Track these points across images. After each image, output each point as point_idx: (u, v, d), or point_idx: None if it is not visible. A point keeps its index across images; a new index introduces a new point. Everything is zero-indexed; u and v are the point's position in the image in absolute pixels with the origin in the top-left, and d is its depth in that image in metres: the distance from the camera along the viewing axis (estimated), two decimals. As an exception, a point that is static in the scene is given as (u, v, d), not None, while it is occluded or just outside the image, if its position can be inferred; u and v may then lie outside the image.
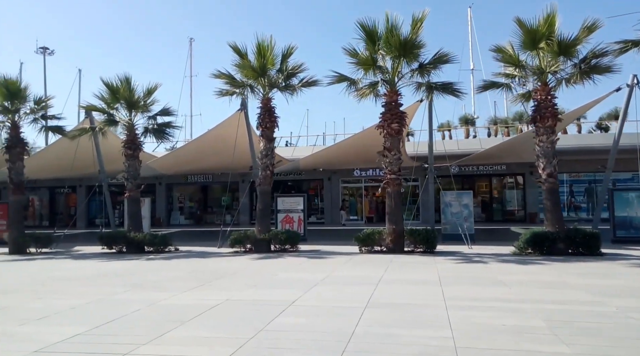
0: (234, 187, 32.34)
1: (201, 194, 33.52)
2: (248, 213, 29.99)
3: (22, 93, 14.11)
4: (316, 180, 29.50)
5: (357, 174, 28.14)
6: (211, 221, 31.73)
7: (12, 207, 14.59)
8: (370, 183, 29.31)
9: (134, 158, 14.11)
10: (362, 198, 29.34)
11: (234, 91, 13.46)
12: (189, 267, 10.33)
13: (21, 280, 8.89)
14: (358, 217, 28.63)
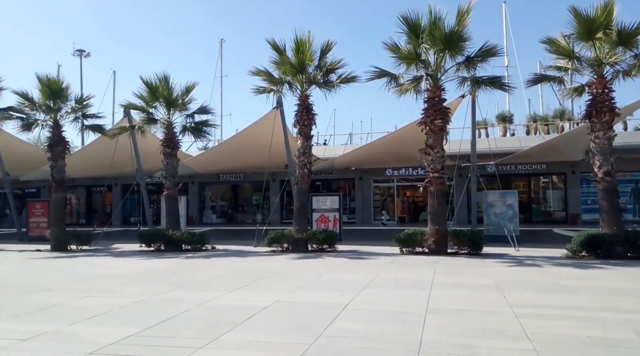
0: (263, 186, 32.41)
1: (232, 193, 33.71)
2: (279, 212, 29.90)
3: (63, 93, 14.36)
4: (347, 180, 29.10)
5: (389, 173, 27.59)
6: (242, 220, 31.85)
7: (54, 204, 14.88)
8: (402, 183, 28.70)
9: (172, 156, 14.14)
10: (393, 198, 28.79)
11: (271, 88, 13.28)
12: (230, 265, 10.18)
13: (67, 277, 8.92)
14: (390, 217, 28.09)
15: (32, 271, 9.88)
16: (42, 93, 14.17)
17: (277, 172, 29.87)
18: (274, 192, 30.22)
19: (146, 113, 13.96)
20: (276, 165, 18.79)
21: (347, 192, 29.66)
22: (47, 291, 7.30)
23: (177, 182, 14.39)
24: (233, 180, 30.84)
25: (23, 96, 14.16)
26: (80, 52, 45.59)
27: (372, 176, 28.23)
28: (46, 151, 14.73)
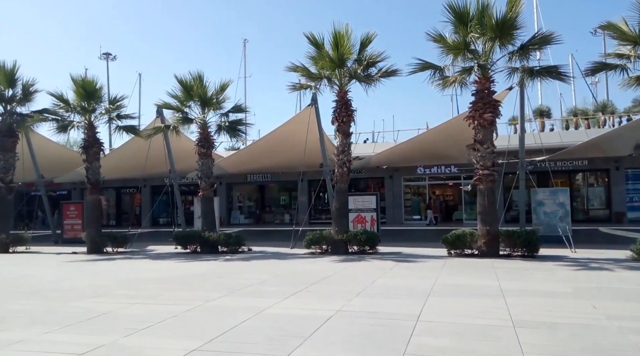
0: (291, 186, 32.10)
1: (259, 193, 33.54)
2: (307, 212, 29.50)
3: (97, 94, 14.25)
4: (376, 179, 28.48)
5: (420, 172, 26.83)
6: (269, 220, 31.62)
7: (89, 206, 14.81)
8: (434, 182, 27.90)
9: (207, 156, 13.85)
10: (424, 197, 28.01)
11: (308, 85, 12.82)
12: (273, 269, 9.75)
13: (110, 282, 8.65)
14: (421, 217, 27.32)
15: (73, 275, 9.68)
16: (77, 95, 14.09)
17: (305, 172, 29.55)
18: (302, 192, 29.85)
19: (181, 113, 13.70)
20: (310, 164, 18.34)
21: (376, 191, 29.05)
22: (94, 297, 7.00)
23: (213, 182, 14.10)
24: (260, 180, 30.64)
25: (58, 97, 14.11)
26: (107, 56, 46.27)
27: (402, 175, 27.52)
28: (81, 153, 14.66)
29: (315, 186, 31.06)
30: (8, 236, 14.91)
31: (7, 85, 14.95)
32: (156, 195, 33.27)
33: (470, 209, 26.74)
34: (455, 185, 28.25)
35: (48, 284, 8.50)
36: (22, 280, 9.19)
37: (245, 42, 47.40)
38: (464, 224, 25.19)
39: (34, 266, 11.56)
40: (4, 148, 15.18)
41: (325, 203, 30.45)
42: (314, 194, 30.89)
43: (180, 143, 16.50)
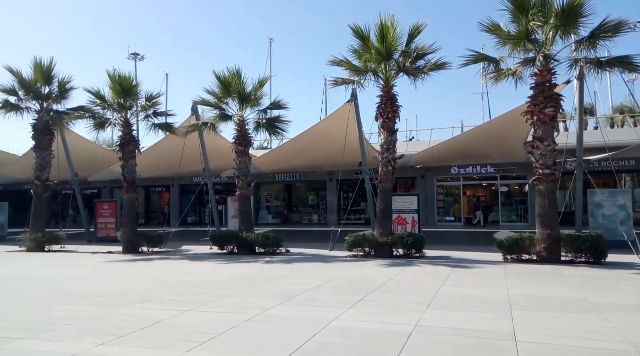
0: (318, 185, 31.57)
1: (285, 193, 33.13)
2: (336, 212, 28.94)
3: (134, 90, 13.99)
4: (406, 179, 27.66)
5: (454, 172, 25.89)
6: (297, 220, 31.17)
7: (125, 205, 14.57)
8: (468, 182, 26.90)
9: (244, 154, 13.41)
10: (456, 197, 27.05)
11: (350, 79, 12.22)
12: (321, 273, 9.19)
13: (154, 285, 8.25)
14: (455, 218, 26.38)
15: (114, 277, 9.34)
16: (113, 91, 13.86)
17: (334, 171, 28.95)
18: (331, 191, 29.28)
19: (219, 109, 13.28)
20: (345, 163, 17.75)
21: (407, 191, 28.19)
22: (142, 302, 6.57)
23: (250, 181, 13.65)
24: (288, 179, 30.22)
25: (95, 94, 13.91)
26: (135, 56, 46.60)
27: (435, 174, 26.63)
28: (117, 151, 14.43)
29: (344, 186, 30.52)
30: (44, 235, 14.82)
31: (43, 82, 14.85)
32: (185, 194, 33.31)
33: (507, 210, 25.69)
34: (489, 185, 27.20)
35: (91, 286, 8.14)
36: (63, 281, 8.88)
37: (270, 41, 47.08)
38: (501, 226, 24.17)
39: (73, 266, 11.32)
40: (40, 145, 15.10)
41: (355, 203, 29.81)
42: (342, 194, 30.48)
43: (212, 141, 16.16)
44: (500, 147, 19.18)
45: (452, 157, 22.55)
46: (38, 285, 8.41)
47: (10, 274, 9.86)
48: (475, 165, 25.31)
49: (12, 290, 7.88)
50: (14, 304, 6.66)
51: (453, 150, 18.90)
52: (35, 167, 15.14)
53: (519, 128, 16.68)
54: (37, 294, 7.41)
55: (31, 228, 14.96)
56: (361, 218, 28.77)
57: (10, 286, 8.28)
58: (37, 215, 15.11)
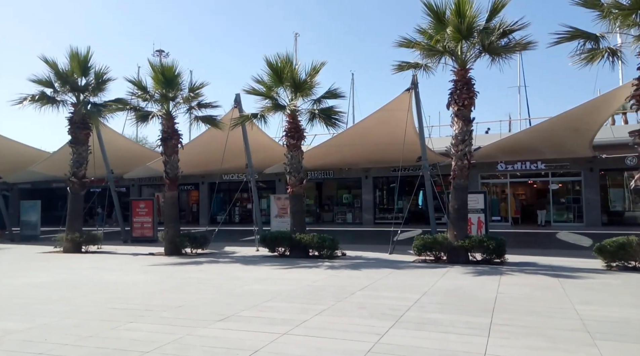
0: (351, 183, 30.34)
1: (316, 191, 31.99)
2: (372, 211, 27.70)
3: (176, 81, 12.99)
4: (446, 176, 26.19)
5: (501, 168, 24.34)
6: (328, 219, 30.03)
7: (168, 203, 13.64)
8: (516, 179, 25.30)
9: (296, 148, 12.29)
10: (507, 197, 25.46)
11: (418, 64, 10.97)
12: (403, 283, 7.99)
13: (222, 296, 7.16)
14: (501, 218, 24.81)
15: (170, 285, 8.30)
16: (155, 81, 12.88)
17: (369, 168, 27.69)
18: (366, 189, 28.03)
19: (270, 99, 12.15)
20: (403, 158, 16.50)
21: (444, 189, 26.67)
22: (220, 320, 5.47)
23: (302, 177, 12.51)
24: (321, 177, 29.08)
25: (137, 84, 12.96)
26: (160, 53, 46.14)
27: (479, 171, 25.08)
28: (159, 145, 13.48)
29: (380, 183, 29.26)
30: (81, 235, 13.97)
31: (80, 73, 13.98)
32: (214, 192, 32.52)
33: (558, 210, 24.03)
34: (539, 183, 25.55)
35: (149, 297, 7.10)
36: (116, 289, 7.88)
37: (296, 36, 46.02)
38: (552, 226, 22.58)
39: (119, 270, 10.36)
40: (76, 140, 14.25)
41: (392, 202, 28.51)
42: (378, 192, 29.19)
43: (251, 136, 15.16)
44: (554, 140, 17.66)
45: (500, 153, 21.06)
46: (91, 294, 7.41)
47: (55, 280, 8.93)
48: (525, 162, 23.73)
49: (63, 300, 6.90)
50: (71, 321, 5.64)
51: (501, 145, 17.50)
52: (71, 163, 14.31)
53: (583, 121, 15.23)
54: (93, 306, 6.39)
55: (68, 227, 14.13)
56: (398, 217, 27.45)
57: (61, 295, 7.31)
58: (74, 214, 14.26)
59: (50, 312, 6.10)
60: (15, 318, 5.81)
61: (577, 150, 19.07)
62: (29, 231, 18.73)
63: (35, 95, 13.69)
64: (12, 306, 6.55)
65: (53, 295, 7.30)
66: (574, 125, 15.28)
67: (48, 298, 7.08)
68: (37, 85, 13.86)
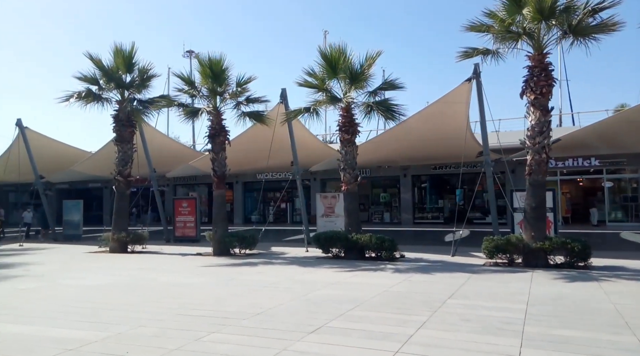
0: (387, 182, 29.48)
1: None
2: (411, 210, 26.75)
3: (224, 75, 12.52)
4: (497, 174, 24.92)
5: (551, 165, 22.99)
6: (363, 219, 29.22)
7: (216, 202, 13.20)
8: (567, 177, 23.94)
9: (351, 144, 11.62)
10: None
11: (486, 49, 10.12)
12: (491, 290, 7.19)
13: (295, 302, 6.54)
14: (555, 219, 23.42)
15: (234, 288, 7.76)
16: (203, 76, 12.45)
17: (408, 167, 26.77)
18: (405, 188, 27.12)
19: (324, 92, 11.50)
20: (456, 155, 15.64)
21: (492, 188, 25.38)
22: (313, 332, 4.85)
23: (357, 174, 11.83)
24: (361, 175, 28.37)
25: (185, 79, 12.56)
26: (190, 53, 46.25)
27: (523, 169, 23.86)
28: (207, 142, 13.06)
29: (419, 182, 28.29)
30: (128, 234, 13.67)
31: (125, 69, 13.69)
32: (248, 192, 32.21)
33: (614, 208, 22.55)
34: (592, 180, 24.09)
35: (219, 302, 6.56)
36: (180, 294, 7.39)
37: (325, 34, 45.36)
38: (607, 226, 21.18)
39: (172, 271, 9.92)
40: (121, 138, 13.98)
41: (432, 201, 27.52)
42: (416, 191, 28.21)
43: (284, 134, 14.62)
44: (609, 136, 16.36)
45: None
46: (156, 298, 6.93)
47: (114, 282, 8.52)
48: (576, 158, 22.37)
49: (131, 305, 6.43)
50: (147, 329, 5.12)
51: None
52: (116, 161, 14.05)
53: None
54: (164, 312, 5.88)
55: (113, 227, 13.87)
56: (439, 217, 26.47)
57: (126, 299, 6.86)
58: (120, 213, 14.00)
59: (121, 319, 5.61)
60: (86, 326, 5.34)
61: (636, 145, 17.76)
62: (71, 230, 18.71)
63: (81, 92, 13.48)
64: (80, 311, 6.10)
65: (118, 299, 6.86)
66: (633, 117, 14.08)
67: (114, 302, 6.63)
68: (83, 82, 13.66)
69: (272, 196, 32.40)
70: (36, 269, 10.47)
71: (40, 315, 5.93)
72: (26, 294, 7.41)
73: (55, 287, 8.02)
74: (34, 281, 8.64)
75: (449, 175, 26.49)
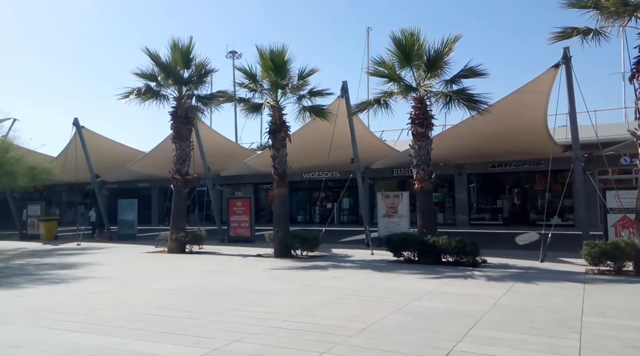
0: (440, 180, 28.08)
1: (399, 189, 30.09)
2: (467, 211, 25.33)
3: (285, 67, 11.89)
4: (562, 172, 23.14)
5: (624, 162, 21.05)
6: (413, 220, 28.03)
7: (277, 201, 12.61)
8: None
9: (424, 138, 10.68)
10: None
11: (587, 29, 8.91)
12: (628, 305, 6.08)
13: (396, 315, 5.73)
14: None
15: (318, 296, 7.03)
16: (264, 68, 11.86)
17: (463, 165, 25.38)
18: (460, 187, 25.73)
19: (396, 81, 10.61)
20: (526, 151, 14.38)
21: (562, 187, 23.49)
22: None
23: (432, 171, 10.87)
24: (407, 174, 27.26)
25: (246, 72, 12.00)
26: (233, 54, 46.55)
27: (597, 166, 21.92)
28: (268, 138, 12.47)
29: (475, 181, 26.78)
30: (186, 234, 13.30)
31: (183, 65, 13.34)
32: (293, 192, 31.69)
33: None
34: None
35: (311, 313, 5.83)
36: (260, 300, 6.73)
37: (368, 30, 44.34)
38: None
39: (241, 275, 9.35)
40: (179, 136, 13.64)
41: (489, 201, 25.99)
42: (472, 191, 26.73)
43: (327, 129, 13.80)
44: None
45: (622, 147, 17.98)
46: (239, 306, 6.28)
47: (185, 285, 8.01)
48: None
49: (216, 314, 5.81)
50: (246, 346, 4.44)
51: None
52: (174, 159, 13.72)
53: None
54: (252, 324, 5.21)
55: (171, 226, 13.55)
56: (498, 218, 24.93)
57: (208, 307, 6.26)
58: (178, 212, 13.68)
59: (210, 331, 4.99)
60: (174, 339, 4.73)
61: None
62: (126, 230, 18.73)
63: (140, 88, 13.22)
64: (162, 320, 5.54)
65: (198, 306, 6.27)
66: None
67: (195, 310, 6.04)
68: (141, 79, 13.41)
69: (317, 196, 31.72)
70: (101, 270, 10.19)
71: (118, 324, 5.40)
72: (98, 299, 6.98)
73: (127, 291, 7.57)
74: (103, 284, 8.26)
75: (508, 174, 24.88)
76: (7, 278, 9.21)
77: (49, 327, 5.29)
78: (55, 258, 12.77)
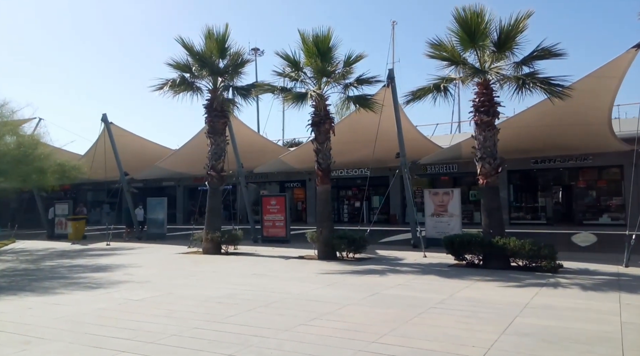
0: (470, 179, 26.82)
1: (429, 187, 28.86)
2: (506, 210, 23.89)
3: (330, 54, 10.95)
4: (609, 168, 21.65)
5: None
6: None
7: (321, 199, 11.66)
8: None
9: (490, 127, 9.58)
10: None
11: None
12: None
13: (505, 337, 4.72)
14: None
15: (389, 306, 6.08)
16: (307, 55, 10.95)
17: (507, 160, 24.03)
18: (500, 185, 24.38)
19: (460, 64, 9.50)
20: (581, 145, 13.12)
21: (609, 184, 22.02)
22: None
23: (499, 164, 9.76)
24: (443, 171, 26.01)
25: (289, 59, 11.10)
26: (255, 51, 45.91)
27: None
28: (311, 131, 11.54)
29: (516, 178, 25.38)
30: (222, 234, 12.49)
31: (218, 54, 12.54)
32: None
33: None
34: None
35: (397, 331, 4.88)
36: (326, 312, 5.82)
37: (393, 25, 43.10)
38: None
39: (290, 280, 8.45)
40: (214, 130, 12.84)
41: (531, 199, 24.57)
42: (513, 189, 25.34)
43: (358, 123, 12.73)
44: None
45: None
46: (306, 320, 5.37)
47: (235, 292, 7.15)
48: None
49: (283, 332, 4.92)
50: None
51: None
52: (209, 155, 12.93)
53: None
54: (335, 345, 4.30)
55: (207, 226, 12.76)
56: (540, 217, 23.53)
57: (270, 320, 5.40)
58: (213, 211, 12.88)
59: (283, 353, 4.07)
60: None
61: None
62: (155, 229, 18.09)
63: (175, 79, 12.47)
64: (225, 337, 4.66)
65: (260, 320, 5.38)
66: None
67: (259, 325, 5.15)
68: (175, 70, 12.65)
69: (344, 194, 30.71)
70: (137, 273, 9.43)
71: (175, 343, 4.54)
72: (143, 308, 6.15)
73: (173, 299, 6.73)
74: (144, 290, 7.46)
75: (552, 170, 23.47)
76: (40, 282, 8.52)
77: (96, 346, 4.46)
78: (86, 259, 12.13)
